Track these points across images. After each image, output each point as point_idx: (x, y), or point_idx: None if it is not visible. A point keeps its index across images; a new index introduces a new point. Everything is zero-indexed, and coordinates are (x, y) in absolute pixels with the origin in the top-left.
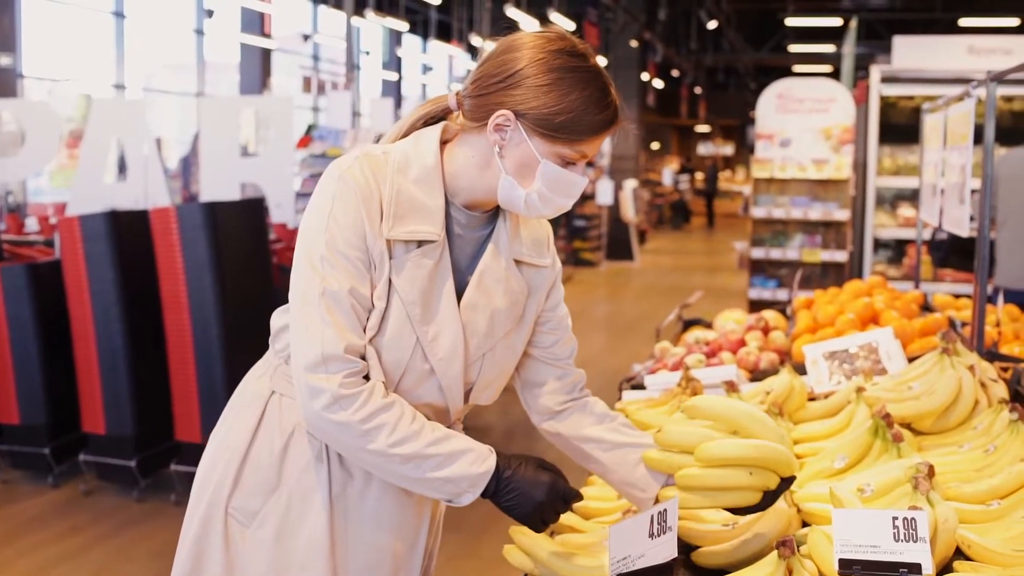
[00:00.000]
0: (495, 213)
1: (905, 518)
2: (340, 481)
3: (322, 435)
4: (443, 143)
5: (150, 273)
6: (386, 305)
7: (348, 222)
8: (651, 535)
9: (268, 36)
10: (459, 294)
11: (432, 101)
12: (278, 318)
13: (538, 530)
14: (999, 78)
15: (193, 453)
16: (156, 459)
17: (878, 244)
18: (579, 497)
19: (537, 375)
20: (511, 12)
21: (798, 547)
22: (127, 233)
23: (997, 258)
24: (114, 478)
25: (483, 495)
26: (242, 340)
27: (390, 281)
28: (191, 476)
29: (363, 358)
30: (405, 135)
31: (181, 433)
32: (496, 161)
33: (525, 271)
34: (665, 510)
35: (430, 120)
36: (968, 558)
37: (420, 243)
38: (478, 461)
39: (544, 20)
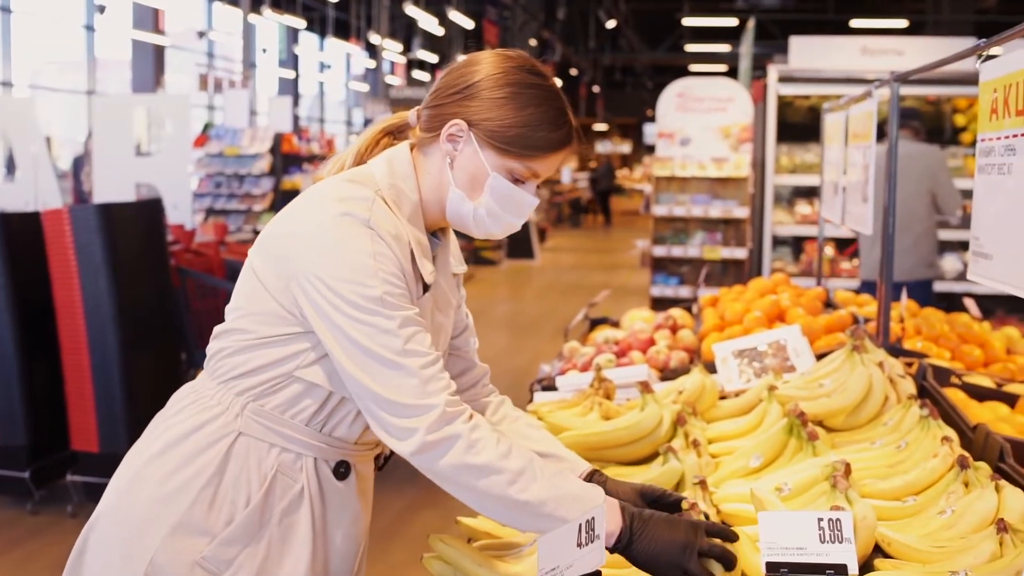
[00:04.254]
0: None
1: (830, 519)
2: (320, 518)
3: (432, 461)
4: None
5: (42, 277)
6: None
7: (392, 259)
8: (579, 544)
9: (161, 33)
10: None
11: (392, 117)
12: (238, 359)
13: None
14: (903, 78)
15: (90, 463)
16: (51, 470)
17: (777, 241)
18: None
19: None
20: (410, 10)
21: None
22: (17, 236)
23: (861, 252)
24: (6, 490)
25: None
26: (140, 345)
27: None
28: (89, 487)
29: None
30: (361, 156)
31: (78, 442)
32: (447, 174)
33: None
34: (593, 519)
35: (389, 134)
36: (887, 555)
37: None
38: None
39: (443, 18)
